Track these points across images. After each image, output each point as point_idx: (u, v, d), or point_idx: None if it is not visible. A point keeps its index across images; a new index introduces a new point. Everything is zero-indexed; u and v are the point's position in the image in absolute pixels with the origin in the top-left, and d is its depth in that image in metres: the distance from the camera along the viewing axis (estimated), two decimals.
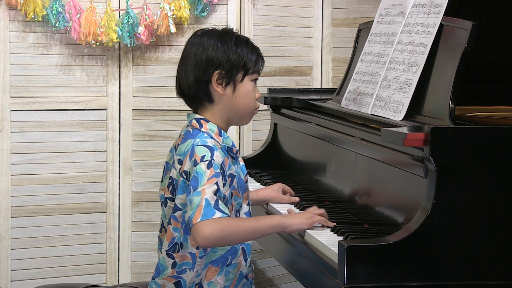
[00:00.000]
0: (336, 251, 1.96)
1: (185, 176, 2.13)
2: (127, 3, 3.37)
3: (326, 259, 2.07)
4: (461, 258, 1.97)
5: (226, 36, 2.22)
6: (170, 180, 2.20)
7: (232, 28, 2.27)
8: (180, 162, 2.16)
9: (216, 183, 2.06)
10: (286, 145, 3.16)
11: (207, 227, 2.01)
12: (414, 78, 2.36)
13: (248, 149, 3.58)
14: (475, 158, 1.99)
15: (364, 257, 1.90)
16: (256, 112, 2.28)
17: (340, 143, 2.57)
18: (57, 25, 3.30)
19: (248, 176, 3.03)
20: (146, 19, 3.37)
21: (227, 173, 2.16)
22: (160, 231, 2.26)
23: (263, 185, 2.90)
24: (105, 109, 3.46)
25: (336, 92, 2.97)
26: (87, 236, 3.48)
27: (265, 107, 3.33)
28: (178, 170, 2.16)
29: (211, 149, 2.12)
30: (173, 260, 2.20)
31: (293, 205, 2.58)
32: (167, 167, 2.25)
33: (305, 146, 2.93)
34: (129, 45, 3.38)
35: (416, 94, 2.35)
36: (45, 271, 3.43)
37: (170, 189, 2.20)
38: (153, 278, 2.24)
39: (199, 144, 2.13)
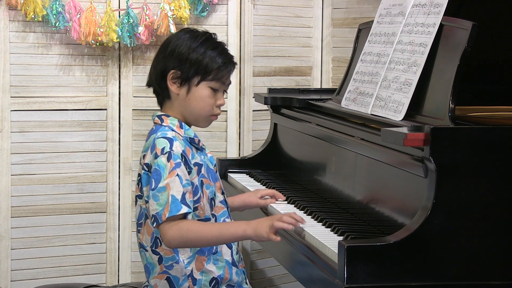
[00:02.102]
0: (336, 251, 1.96)
1: (146, 169, 2.15)
2: (127, 3, 3.37)
3: (326, 259, 2.07)
4: (461, 258, 1.97)
5: (197, 35, 2.22)
6: (139, 178, 2.21)
7: (214, 33, 2.25)
8: (144, 157, 2.18)
9: (178, 175, 2.09)
10: (286, 145, 3.16)
11: (168, 231, 2.07)
12: (414, 78, 2.36)
13: (248, 149, 3.58)
14: (475, 158, 1.99)
15: (364, 257, 1.90)
16: (215, 118, 2.26)
17: (340, 143, 2.57)
18: (57, 25, 3.30)
19: (248, 176, 3.07)
20: (146, 19, 3.37)
21: (192, 162, 2.17)
22: (138, 232, 2.25)
23: (263, 185, 2.90)
24: (105, 109, 3.46)
25: (336, 92, 2.97)
26: (87, 236, 3.48)
27: (265, 107, 3.34)
28: (142, 165, 2.19)
29: (170, 140, 2.14)
30: (158, 256, 2.20)
31: (293, 205, 2.58)
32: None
33: (305, 146, 2.93)
34: (129, 45, 3.38)
35: (416, 94, 2.35)
36: (45, 271, 3.43)
37: (139, 186, 2.21)
38: (147, 281, 2.25)
39: (160, 136, 2.16)
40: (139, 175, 2.21)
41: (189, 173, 2.15)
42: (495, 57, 2.76)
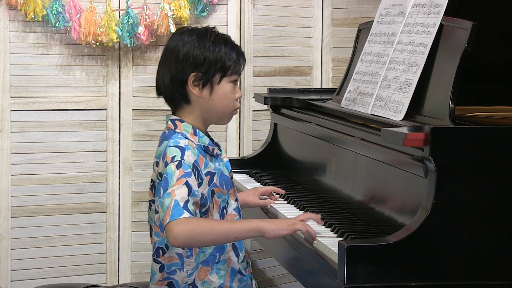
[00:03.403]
0: (336, 251, 1.96)
1: (160, 178, 2.12)
2: (127, 3, 3.37)
3: (326, 259, 2.06)
4: (461, 258, 1.97)
5: (205, 35, 2.18)
6: (152, 183, 2.20)
7: (214, 27, 2.23)
8: (157, 164, 2.16)
9: (186, 183, 2.04)
10: (286, 145, 3.16)
11: (175, 226, 1.98)
12: (414, 78, 2.36)
13: (248, 149, 3.58)
14: (475, 158, 1.99)
15: (364, 257, 1.90)
16: (236, 112, 2.25)
17: (340, 143, 2.57)
18: (57, 25, 3.30)
19: (248, 176, 3.07)
20: (146, 19, 3.37)
21: (204, 172, 2.14)
22: (150, 235, 2.25)
23: (263, 185, 2.90)
24: (105, 109, 3.46)
25: (336, 92, 2.97)
26: (87, 236, 3.48)
27: (265, 107, 3.34)
28: (156, 172, 2.17)
29: (182, 149, 2.10)
30: (159, 265, 2.19)
31: (293, 205, 2.58)
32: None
33: (305, 146, 2.93)
34: (129, 45, 3.38)
35: (416, 94, 2.35)
36: (45, 271, 3.43)
37: (152, 191, 2.20)
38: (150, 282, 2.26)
39: (171, 145, 2.12)
40: (152, 180, 2.20)
41: (200, 184, 2.11)
42: (495, 57, 2.76)
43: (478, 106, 2.63)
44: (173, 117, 2.21)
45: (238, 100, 2.24)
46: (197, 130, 2.19)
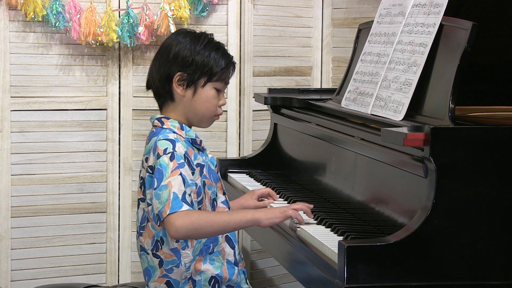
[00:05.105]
0: (336, 251, 1.96)
1: (150, 171, 2.16)
2: (127, 3, 3.37)
3: (326, 259, 2.07)
4: (461, 258, 1.97)
5: (199, 38, 2.25)
6: (142, 181, 2.22)
7: (211, 34, 2.29)
8: (146, 160, 2.19)
9: (181, 174, 2.10)
10: (286, 145, 3.16)
11: (177, 219, 2.04)
12: (414, 78, 2.37)
13: (248, 149, 3.58)
14: (475, 158, 1.99)
15: (364, 257, 1.90)
16: (217, 118, 2.30)
17: (340, 143, 2.57)
18: (57, 25, 3.30)
19: (248, 176, 3.07)
20: (146, 19, 3.37)
21: (194, 163, 2.19)
22: (137, 237, 2.27)
23: (263, 185, 2.90)
24: (105, 109, 3.46)
25: (336, 92, 2.97)
26: (87, 236, 3.48)
27: (265, 107, 3.34)
28: (145, 168, 2.20)
29: (173, 142, 2.15)
30: (159, 259, 2.21)
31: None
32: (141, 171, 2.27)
33: (305, 146, 2.93)
34: (129, 45, 3.38)
35: (416, 94, 2.35)
36: (45, 271, 3.43)
37: (142, 189, 2.22)
38: (146, 284, 2.26)
39: (161, 138, 2.17)
40: (142, 178, 2.22)
41: (192, 173, 2.16)
42: (495, 57, 2.76)
43: (478, 106, 2.63)
44: (159, 115, 2.27)
45: (221, 107, 2.29)
46: (183, 125, 2.24)
